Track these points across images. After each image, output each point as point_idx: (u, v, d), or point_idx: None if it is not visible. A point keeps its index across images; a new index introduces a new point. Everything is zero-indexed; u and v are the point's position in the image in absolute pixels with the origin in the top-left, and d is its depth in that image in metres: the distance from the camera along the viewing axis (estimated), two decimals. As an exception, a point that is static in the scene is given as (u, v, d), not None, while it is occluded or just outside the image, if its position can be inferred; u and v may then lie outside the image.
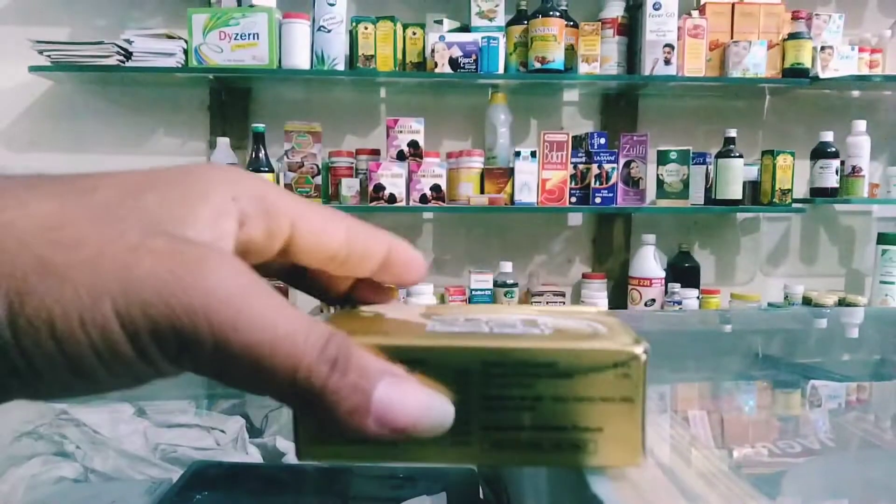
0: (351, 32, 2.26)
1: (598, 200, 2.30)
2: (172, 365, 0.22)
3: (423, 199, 2.22)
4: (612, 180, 2.30)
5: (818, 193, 2.41)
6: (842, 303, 2.38)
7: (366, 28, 2.24)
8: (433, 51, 2.24)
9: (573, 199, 2.32)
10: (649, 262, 2.36)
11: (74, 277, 0.20)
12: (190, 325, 0.21)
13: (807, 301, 2.40)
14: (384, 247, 0.30)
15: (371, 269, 0.30)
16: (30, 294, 0.20)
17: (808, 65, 2.33)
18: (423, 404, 0.24)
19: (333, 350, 0.22)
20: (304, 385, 0.22)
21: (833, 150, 2.38)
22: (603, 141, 2.32)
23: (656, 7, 2.22)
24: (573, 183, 2.31)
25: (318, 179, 2.26)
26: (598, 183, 2.30)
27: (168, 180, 0.24)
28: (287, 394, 0.22)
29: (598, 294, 2.39)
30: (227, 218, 0.24)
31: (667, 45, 2.24)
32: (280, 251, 0.27)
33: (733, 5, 2.36)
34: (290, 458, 0.62)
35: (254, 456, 0.65)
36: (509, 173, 2.26)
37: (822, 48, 2.36)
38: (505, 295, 2.30)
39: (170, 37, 2.19)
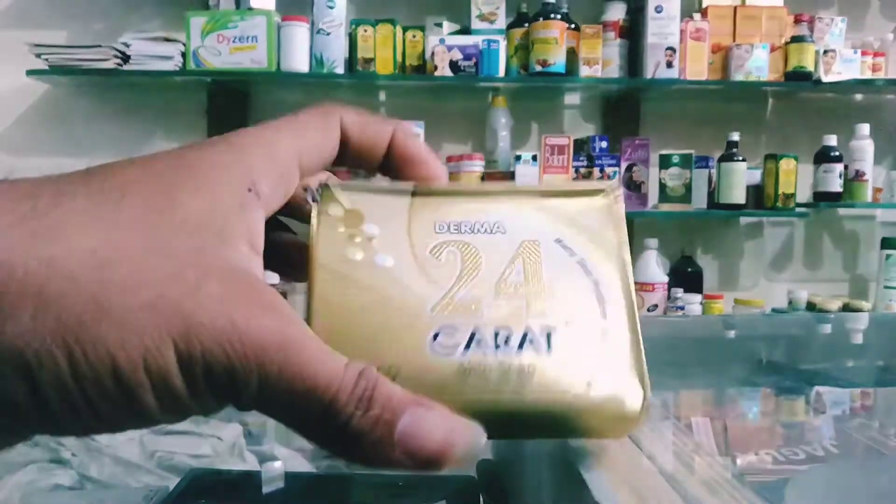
0: (350, 35, 2.26)
1: (599, 204, 2.29)
2: (218, 402, 0.23)
3: (425, 203, 2.22)
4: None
5: (822, 198, 2.41)
6: (846, 308, 2.37)
7: (365, 31, 2.23)
8: (433, 54, 2.24)
9: (575, 204, 2.31)
10: (652, 266, 2.35)
11: (136, 323, 0.20)
12: (242, 371, 0.21)
13: (811, 306, 2.39)
14: (386, 133, 0.31)
15: (377, 159, 0.31)
16: (91, 341, 0.20)
17: (810, 68, 2.33)
18: (450, 432, 0.24)
19: (362, 387, 0.23)
20: (332, 425, 0.23)
21: (836, 153, 2.38)
22: (604, 145, 2.31)
23: (658, 10, 2.22)
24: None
25: (319, 183, 2.26)
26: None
27: (190, 174, 0.24)
28: (318, 435, 0.23)
29: (600, 298, 2.38)
30: (251, 210, 0.25)
31: (669, 48, 2.24)
32: None
33: (735, 8, 2.36)
34: (289, 466, 0.62)
35: (251, 463, 0.65)
36: (510, 177, 2.26)
37: (825, 52, 2.35)
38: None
39: (168, 40, 2.19)
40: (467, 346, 0.28)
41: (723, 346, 0.90)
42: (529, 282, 0.29)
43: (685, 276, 2.44)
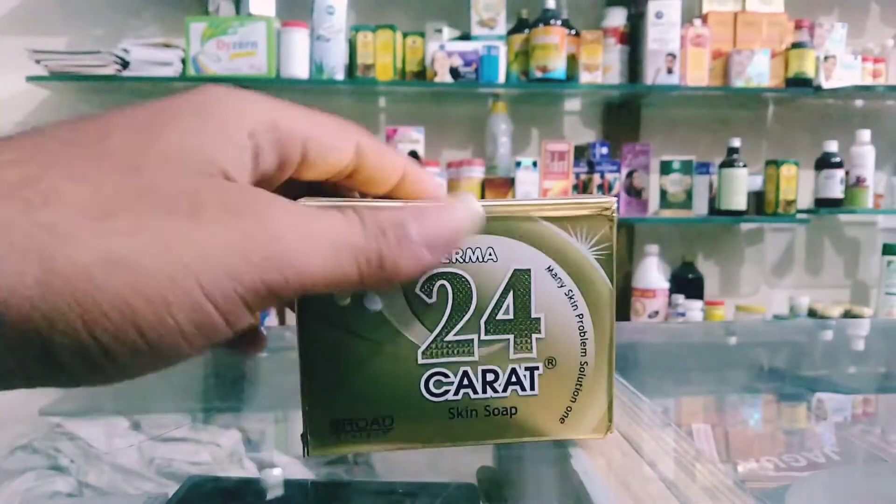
0: (350, 41, 2.26)
1: (600, 210, 2.29)
2: (255, 313, 0.23)
3: (425, 209, 2.22)
4: (615, 190, 2.29)
5: (823, 204, 2.41)
6: (847, 314, 2.37)
7: (365, 37, 2.24)
8: (433, 59, 2.24)
9: (575, 210, 2.31)
10: (652, 273, 2.35)
11: (147, 265, 0.20)
12: (278, 277, 0.22)
13: (812, 313, 2.39)
14: (399, 166, 0.30)
15: (386, 189, 0.30)
16: (102, 291, 0.19)
17: (811, 74, 2.33)
18: (451, 213, 0.27)
19: (373, 229, 0.25)
20: (371, 273, 0.25)
21: (837, 160, 2.38)
22: (605, 151, 2.31)
23: (658, 16, 2.22)
24: (575, 193, 2.31)
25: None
26: (600, 193, 2.29)
27: (182, 112, 0.24)
28: (357, 286, 0.25)
29: (600, 304, 2.38)
30: (245, 154, 0.25)
31: (669, 54, 2.24)
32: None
33: (736, 14, 2.36)
34: (288, 473, 0.61)
35: (251, 470, 0.65)
36: (510, 183, 2.25)
37: (826, 58, 2.36)
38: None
39: (167, 46, 2.19)
40: (457, 390, 0.29)
41: (724, 353, 0.89)
42: (518, 317, 0.30)
43: (686, 282, 2.44)
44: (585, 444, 0.35)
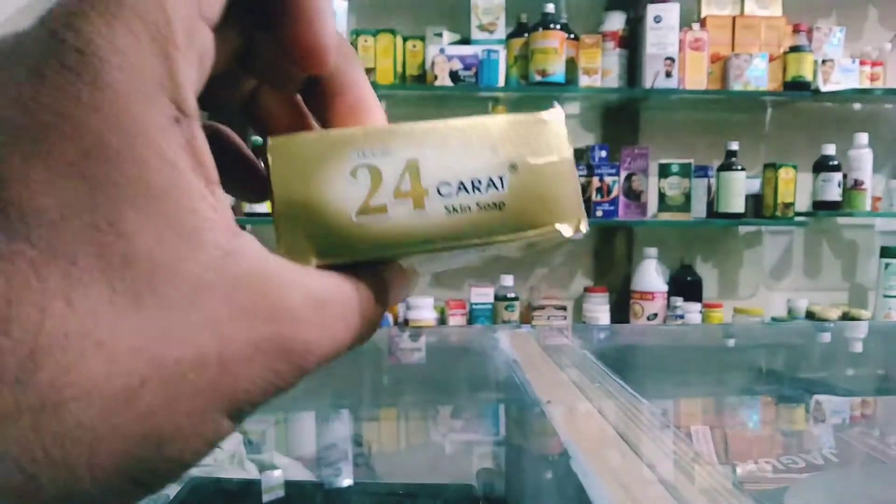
0: (351, 45, 2.26)
1: (599, 214, 2.30)
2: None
3: (424, 212, 2.22)
4: (614, 193, 2.29)
5: (821, 207, 2.41)
6: (845, 317, 2.37)
7: (365, 41, 2.24)
8: (433, 63, 2.24)
9: (574, 212, 2.31)
10: (651, 275, 2.35)
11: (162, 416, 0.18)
12: (298, 364, 0.21)
13: (810, 315, 2.39)
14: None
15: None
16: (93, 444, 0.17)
17: (809, 78, 2.33)
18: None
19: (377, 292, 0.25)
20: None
21: (835, 163, 2.38)
22: (604, 154, 2.32)
23: (657, 20, 2.23)
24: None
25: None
26: (599, 196, 2.29)
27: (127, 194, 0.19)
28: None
29: (599, 308, 2.39)
30: (188, 139, 0.20)
31: (668, 58, 2.24)
32: None
33: (734, 18, 2.36)
34: (289, 474, 0.62)
35: (251, 472, 0.65)
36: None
37: (824, 61, 2.36)
38: (506, 308, 2.29)
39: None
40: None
41: (722, 355, 0.90)
42: None
43: (685, 284, 2.45)
44: (585, 446, 0.35)
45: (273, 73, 0.27)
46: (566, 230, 0.27)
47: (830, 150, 2.38)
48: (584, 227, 0.27)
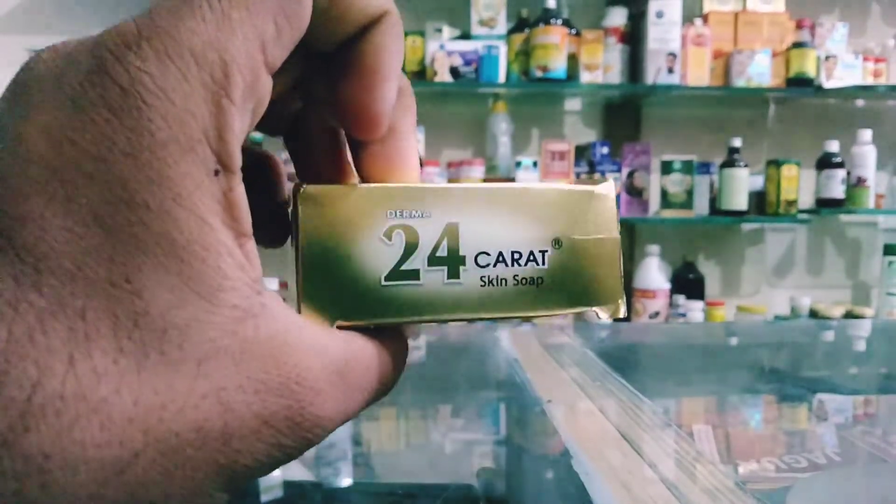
0: (352, 42, 2.26)
1: (601, 210, 2.29)
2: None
3: (426, 209, 2.21)
4: (616, 190, 2.29)
5: (824, 204, 2.40)
6: (848, 315, 2.37)
7: (367, 38, 2.23)
8: (433, 59, 2.24)
9: (576, 209, 2.31)
10: (653, 273, 2.34)
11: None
12: (307, 438, 0.20)
13: (813, 313, 2.39)
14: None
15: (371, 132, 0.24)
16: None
17: (812, 74, 2.33)
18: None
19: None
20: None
21: (838, 160, 2.37)
22: (605, 150, 2.31)
23: (659, 15, 2.22)
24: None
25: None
26: (601, 193, 2.29)
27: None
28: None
29: (601, 304, 2.38)
30: (227, 209, 0.19)
31: (670, 54, 2.24)
32: None
33: (737, 14, 2.36)
34: (287, 474, 0.61)
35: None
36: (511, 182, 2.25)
37: (827, 57, 2.35)
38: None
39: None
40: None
41: (725, 353, 0.89)
42: None
43: (687, 282, 2.44)
44: (587, 445, 0.35)
45: (321, 102, 0.26)
46: (603, 314, 0.26)
47: (834, 146, 2.38)
48: (622, 313, 0.26)
